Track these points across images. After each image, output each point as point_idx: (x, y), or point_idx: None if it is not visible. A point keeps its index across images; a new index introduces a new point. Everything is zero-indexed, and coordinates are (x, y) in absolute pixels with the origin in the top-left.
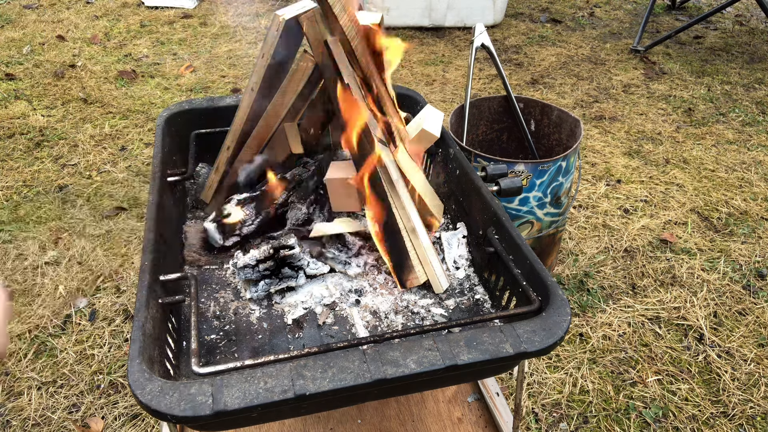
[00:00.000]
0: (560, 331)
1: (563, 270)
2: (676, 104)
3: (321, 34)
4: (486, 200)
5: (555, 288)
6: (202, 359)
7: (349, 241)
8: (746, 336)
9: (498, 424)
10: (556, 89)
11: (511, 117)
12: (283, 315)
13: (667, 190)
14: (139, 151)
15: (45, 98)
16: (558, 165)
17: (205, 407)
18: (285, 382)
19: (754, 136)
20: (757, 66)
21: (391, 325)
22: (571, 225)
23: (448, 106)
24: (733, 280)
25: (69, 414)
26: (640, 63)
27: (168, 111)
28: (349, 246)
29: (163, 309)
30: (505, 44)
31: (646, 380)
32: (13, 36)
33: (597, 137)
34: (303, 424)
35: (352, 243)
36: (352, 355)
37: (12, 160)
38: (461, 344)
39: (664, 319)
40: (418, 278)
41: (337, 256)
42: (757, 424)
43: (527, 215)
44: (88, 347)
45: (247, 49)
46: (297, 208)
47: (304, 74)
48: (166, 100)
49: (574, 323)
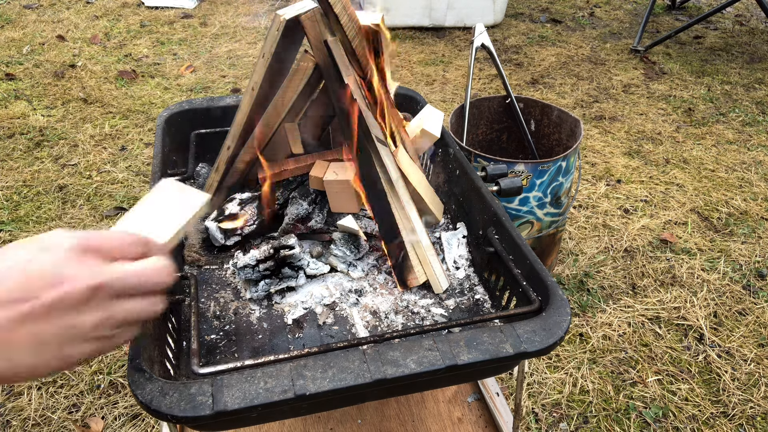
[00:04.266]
0: (560, 331)
1: (563, 270)
2: (676, 104)
3: (321, 33)
4: (486, 200)
5: (555, 288)
6: (202, 359)
7: (362, 244)
8: (746, 336)
9: (498, 424)
10: (556, 89)
11: (511, 117)
12: (283, 315)
13: (667, 190)
14: (139, 151)
15: (45, 98)
16: (558, 165)
17: (205, 407)
18: (285, 382)
19: (754, 136)
20: (757, 66)
21: (391, 325)
22: (571, 225)
23: (448, 106)
24: (733, 280)
25: (69, 414)
26: (640, 63)
27: (168, 111)
28: (360, 249)
29: (163, 309)
30: (505, 44)
31: (646, 380)
32: (13, 36)
33: (597, 137)
34: (303, 424)
35: (363, 246)
36: (352, 355)
37: (12, 160)
38: (461, 344)
39: (664, 319)
40: (417, 278)
41: (346, 256)
42: (757, 424)
43: (527, 215)
44: None
45: (247, 49)
46: (298, 203)
47: (304, 74)
48: (166, 100)
49: (574, 323)
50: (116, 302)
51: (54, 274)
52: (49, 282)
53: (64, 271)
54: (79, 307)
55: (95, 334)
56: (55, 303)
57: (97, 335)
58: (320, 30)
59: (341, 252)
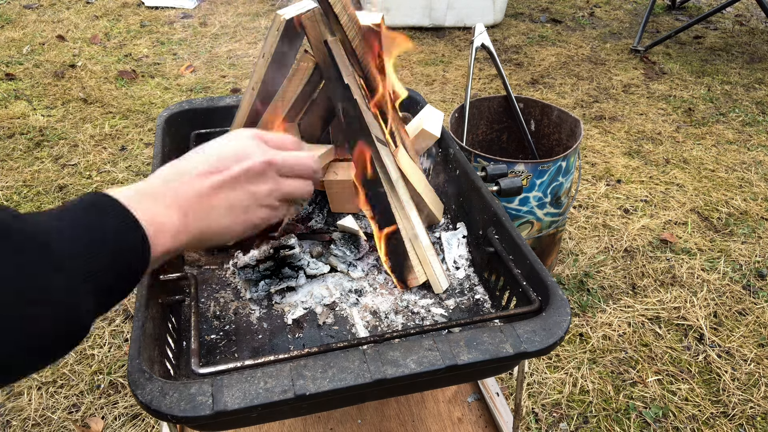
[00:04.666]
0: (560, 331)
1: (563, 270)
2: (676, 104)
3: (321, 33)
4: (486, 200)
5: (555, 288)
6: (202, 359)
7: (362, 244)
8: (746, 336)
9: (498, 424)
10: (556, 89)
11: (511, 117)
12: (283, 315)
13: (667, 190)
14: (139, 151)
15: (45, 98)
16: (558, 165)
17: (205, 407)
18: (285, 382)
19: (754, 136)
20: (757, 66)
21: (391, 325)
22: (571, 225)
23: (448, 106)
24: (733, 280)
25: (69, 414)
26: (640, 63)
27: (168, 111)
28: (361, 249)
29: (163, 309)
30: (505, 44)
31: (646, 380)
32: (13, 36)
33: (597, 137)
34: (303, 424)
35: (363, 246)
36: (352, 355)
37: (12, 160)
38: (461, 344)
39: (664, 319)
40: (417, 278)
41: (346, 256)
42: (757, 424)
43: (527, 215)
44: (88, 347)
45: (247, 49)
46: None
47: (304, 74)
48: (166, 100)
49: (574, 323)
50: (281, 178)
51: (239, 152)
52: (236, 158)
53: (246, 150)
54: (258, 177)
55: (267, 202)
56: (241, 174)
57: (268, 203)
58: (320, 30)
59: (341, 252)
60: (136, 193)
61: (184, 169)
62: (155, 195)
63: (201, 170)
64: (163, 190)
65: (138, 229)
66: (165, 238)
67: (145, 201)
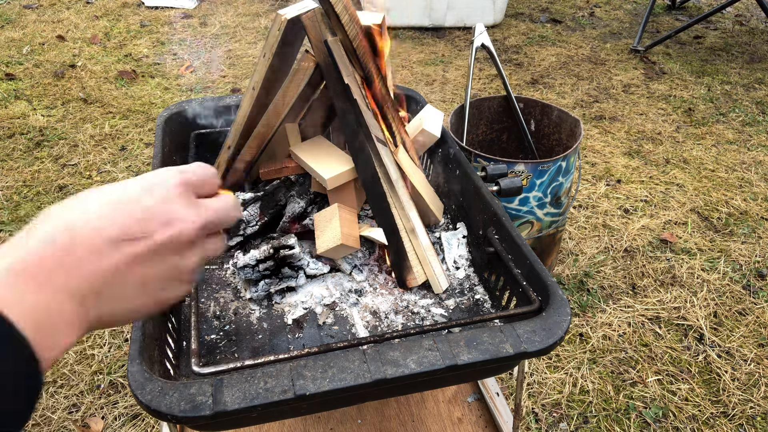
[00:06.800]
0: (560, 331)
1: (563, 270)
2: (676, 104)
3: (322, 33)
4: (486, 200)
5: (555, 288)
6: (202, 359)
7: (375, 252)
8: (746, 336)
9: (498, 424)
10: (556, 89)
11: (511, 117)
12: (283, 315)
13: (667, 190)
14: (139, 151)
15: (45, 98)
16: (558, 165)
17: (205, 407)
18: (285, 382)
19: (754, 136)
20: (757, 66)
21: (391, 325)
22: (571, 225)
23: (448, 106)
24: (733, 280)
25: (69, 414)
26: (640, 63)
27: (168, 111)
28: (369, 253)
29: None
30: (505, 44)
31: (646, 380)
32: (13, 36)
33: (597, 137)
34: (303, 424)
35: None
36: (352, 355)
37: (12, 160)
38: (461, 344)
39: (664, 319)
40: (417, 278)
41: (353, 259)
42: (757, 424)
43: (527, 215)
44: (87, 347)
45: (247, 49)
46: (296, 201)
47: (305, 74)
48: (166, 100)
49: (574, 323)
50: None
51: (165, 211)
52: (161, 220)
53: (174, 210)
54: (186, 247)
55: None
56: (166, 242)
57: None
58: (321, 30)
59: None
60: (8, 272)
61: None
62: (40, 274)
63: (113, 235)
64: (54, 263)
65: (22, 349)
66: (55, 341)
67: (24, 286)
